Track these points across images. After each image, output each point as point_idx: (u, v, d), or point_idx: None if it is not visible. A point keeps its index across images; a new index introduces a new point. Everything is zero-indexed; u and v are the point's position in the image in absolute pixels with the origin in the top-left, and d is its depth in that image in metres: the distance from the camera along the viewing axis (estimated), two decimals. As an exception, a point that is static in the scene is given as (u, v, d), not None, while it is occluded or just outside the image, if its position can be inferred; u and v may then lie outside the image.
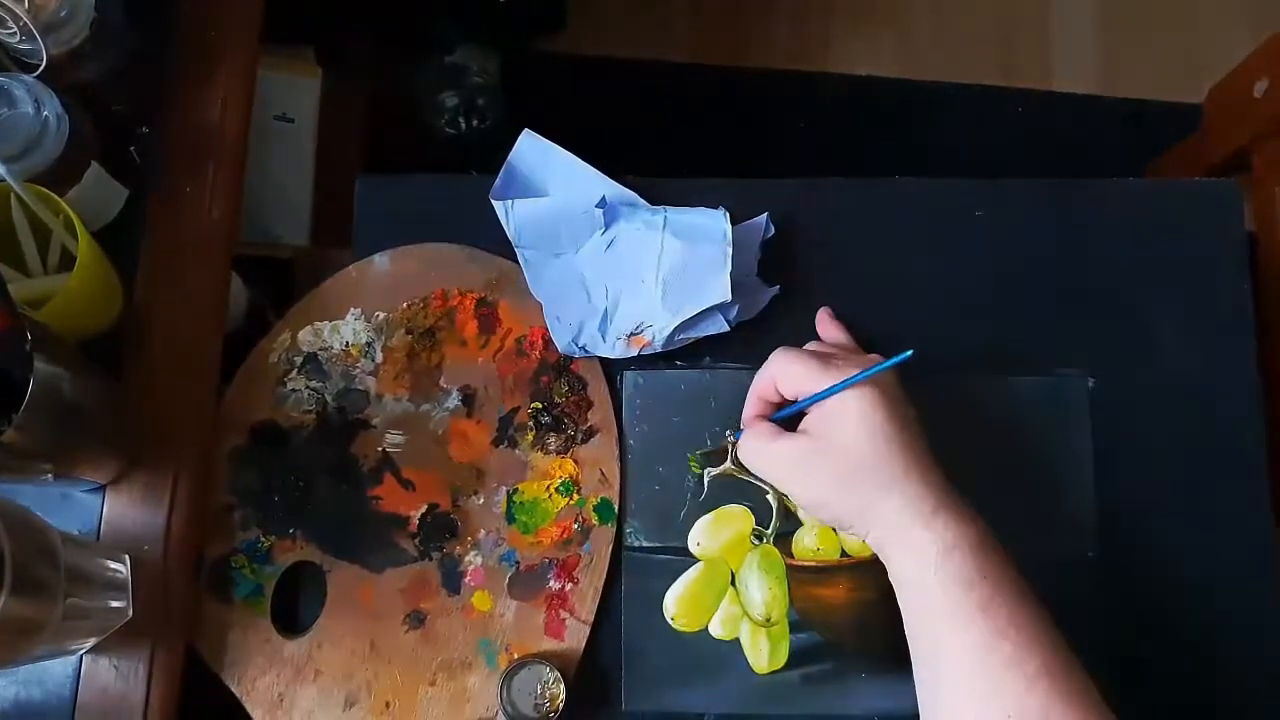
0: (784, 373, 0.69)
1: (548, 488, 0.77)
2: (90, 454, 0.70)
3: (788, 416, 0.70)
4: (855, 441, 0.64)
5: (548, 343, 0.78)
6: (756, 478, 0.74)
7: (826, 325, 0.78)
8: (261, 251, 1.15)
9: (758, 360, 0.77)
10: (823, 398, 0.66)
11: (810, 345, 0.74)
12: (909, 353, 0.64)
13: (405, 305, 0.79)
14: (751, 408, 0.72)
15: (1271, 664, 0.75)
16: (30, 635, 0.58)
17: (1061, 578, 0.75)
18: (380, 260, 0.80)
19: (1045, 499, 0.77)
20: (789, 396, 0.70)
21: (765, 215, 0.79)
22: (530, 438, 0.78)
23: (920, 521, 0.62)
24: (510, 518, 0.76)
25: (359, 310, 0.79)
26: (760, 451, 0.70)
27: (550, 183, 0.80)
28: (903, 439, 0.64)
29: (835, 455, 0.65)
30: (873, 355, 0.70)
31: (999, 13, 1.77)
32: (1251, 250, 0.82)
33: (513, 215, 0.77)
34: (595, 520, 0.76)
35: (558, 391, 0.78)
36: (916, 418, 0.67)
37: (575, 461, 0.77)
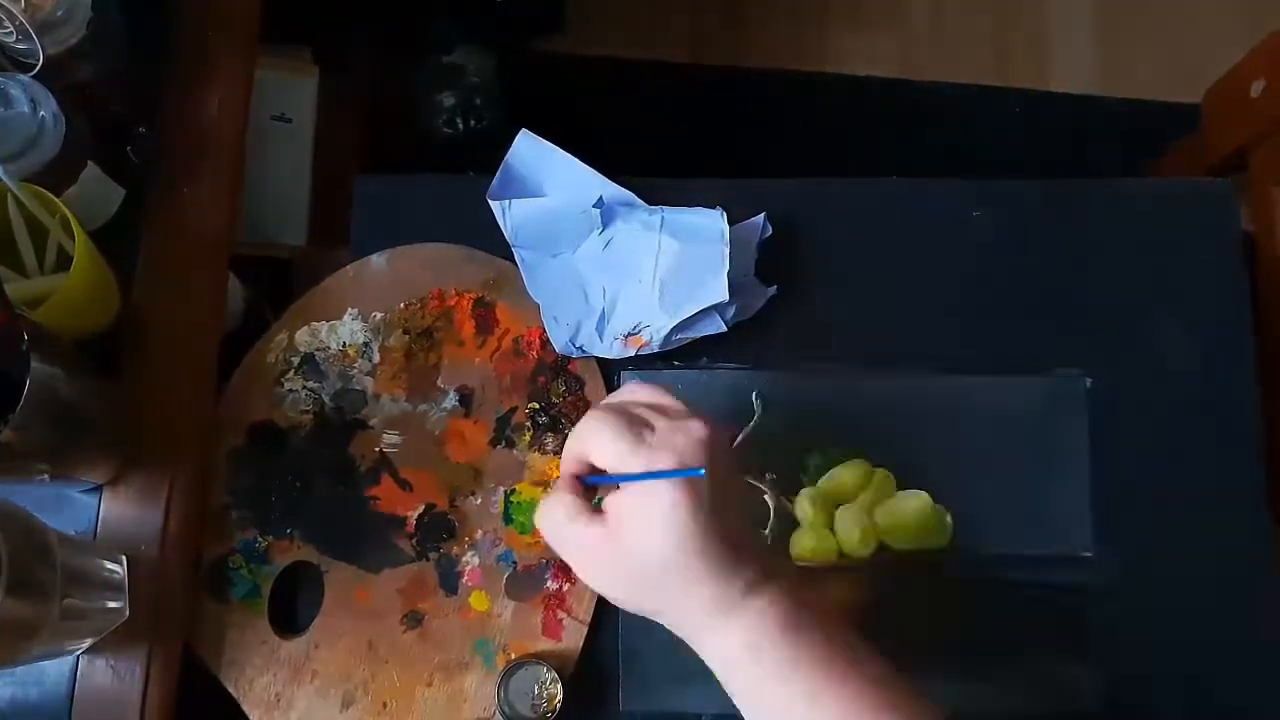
0: (593, 442, 0.61)
1: (545, 488, 0.76)
2: (87, 454, 0.70)
3: (601, 485, 0.63)
4: (651, 546, 0.58)
5: (545, 343, 0.78)
6: (755, 479, 0.74)
7: (637, 390, 0.66)
8: (259, 251, 1.14)
9: (755, 360, 0.77)
10: (630, 480, 0.59)
11: (629, 389, 0.66)
12: (701, 471, 0.57)
13: (403, 305, 0.79)
14: (567, 464, 0.64)
15: (1270, 663, 0.75)
16: (27, 636, 0.58)
17: (1058, 577, 0.75)
18: (377, 260, 0.80)
19: (1042, 498, 0.77)
20: (597, 464, 0.61)
21: (763, 215, 0.79)
22: (528, 438, 0.77)
23: (720, 620, 0.58)
24: (508, 518, 0.76)
25: (356, 310, 0.79)
26: (556, 530, 0.62)
27: (547, 183, 0.80)
28: (705, 540, 0.57)
29: (630, 555, 0.59)
30: (694, 424, 0.60)
31: (997, 13, 1.77)
32: (1249, 250, 0.82)
33: (510, 215, 0.77)
34: (593, 520, 0.76)
35: (555, 392, 0.78)
36: (733, 504, 0.60)
37: (573, 461, 0.77)
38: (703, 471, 0.58)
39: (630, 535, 0.59)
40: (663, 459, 0.58)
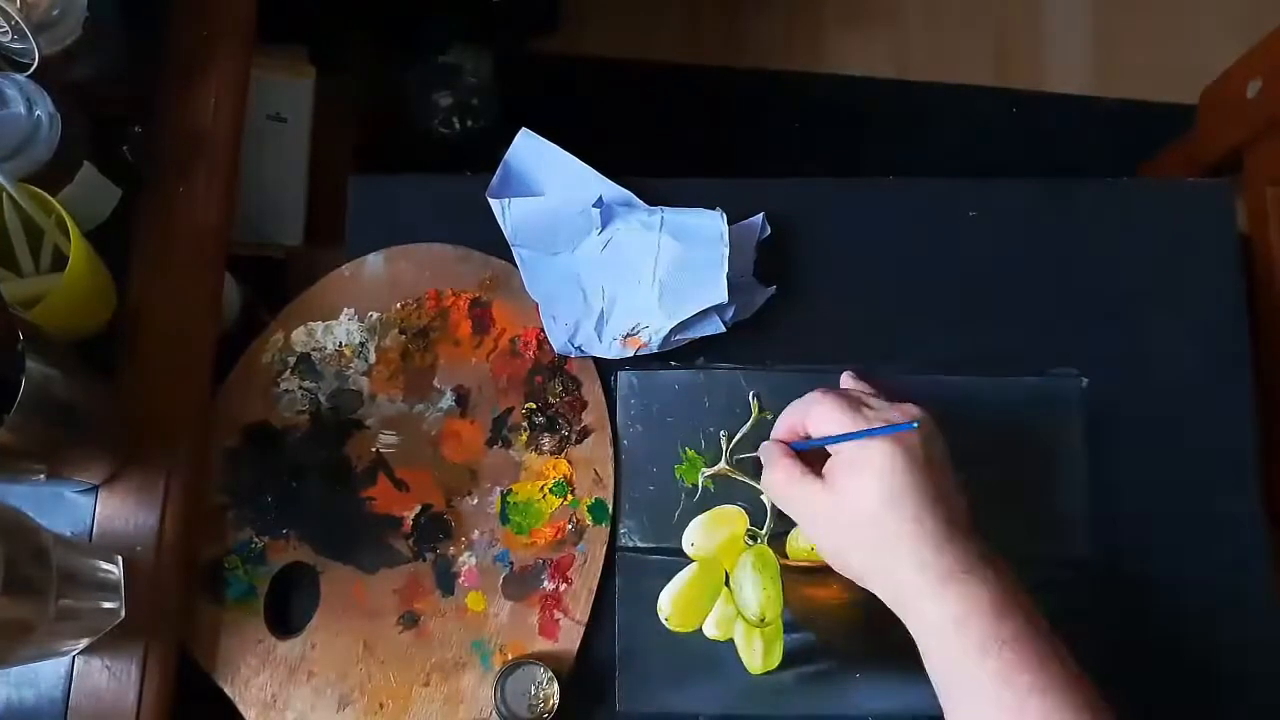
0: (816, 411, 0.67)
1: (541, 488, 0.77)
2: (83, 454, 0.70)
3: (810, 450, 0.68)
4: (867, 499, 0.62)
5: (542, 343, 0.78)
6: (752, 478, 0.74)
7: (848, 381, 0.75)
8: (255, 251, 1.14)
9: (753, 361, 0.77)
10: (844, 440, 0.65)
11: (848, 379, 0.74)
12: (914, 424, 0.63)
13: (399, 305, 0.79)
14: (778, 432, 0.71)
15: (1267, 663, 0.75)
16: (22, 636, 0.58)
17: (1055, 578, 0.75)
18: (374, 260, 0.80)
19: (1039, 499, 0.77)
20: (814, 435, 0.68)
21: (761, 215, 0.79)
22: (524, 438, 0.77)
23: (932, 590, 0.61)
24: (504, 518, 0.76)
25: (352, 310, 0.79)
26: (780, 487, 0.68)
27: (547, 182, 0.80)
28: (919, 502, 0.62)
29: (848, 509, 0.64)
30: (908, 406, 0.66)
31: (992, 13, 1.77)
32: (1244, 250, 0.82)
33: (509, 214, 0.77)
34: (589, 521, 0.76)
35: (552, 392, 0.78)
36: (948, 479, 0.65)
37: (569, 462, 0.77)
38: (916, 425, 0.63)
39: (845, 489, 0.64)
40: (880, 423, 0.64)
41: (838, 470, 0.65)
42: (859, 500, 0.63)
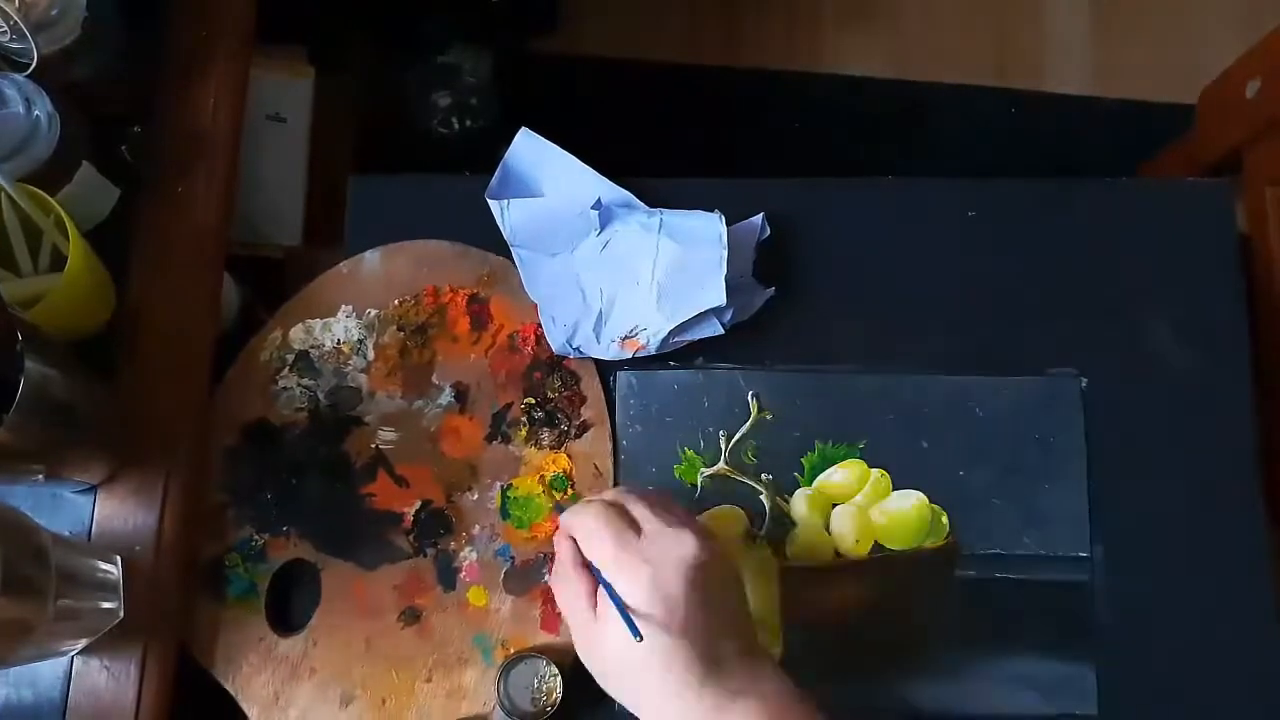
0: (583, 526, 0.63)
1: (541, 482, 0.76)
2: (81, 454, 0.70)
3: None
4: (625, 658, 0.60)
5: (540, 338, 0.78)
6: (751, 478, 0.74)
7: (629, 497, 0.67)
8: (254, 251, 1.14)
9: (752, 361, 0.77)
10: (602, 583, 0.61)
11: (615, 493, 0.66)
12: (636, 636, 0.58)
13: (397, 302, 0.79)
14: (560, 541, 0.66)
15: (1267, 662, 0.75)
16: (21, 636, 0.58)
17: (1054, 577, 0.75)
18: (371, 257, 0.80)
19: (1038, 499, 0.77)
20: (584, 551, 0.63)
21: (761, 216, 0.79)
22: (523, 433, 0.77)
23: None
24: (504, 513, 0.76)
25: (350, 307, 0.79)
26: (566, 606, 0.64)
27: (546, 182, 0.80)
28: (673, 652, 0.58)
29: (608, 650, 0.61)
30: (684, 535, 0.61)
31: (992, 14, 1.77)
32: (1244, 250, 0.82)
33: (508, 215, 0.77)
34: (589, 515, 0.76)
35: (550, 387, 0.78)
36: (719, 605, 0.61)
37: (569, 456, 0.77)
38: (639, 638, 0.58)
39: (606, 638, 0.61)
40: (637, 574, 0.60)
41: (600, 616, 0.61)
42: (615, 644, 0.60)
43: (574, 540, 0.64)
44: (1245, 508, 0.77)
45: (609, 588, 0.61)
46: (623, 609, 0.59)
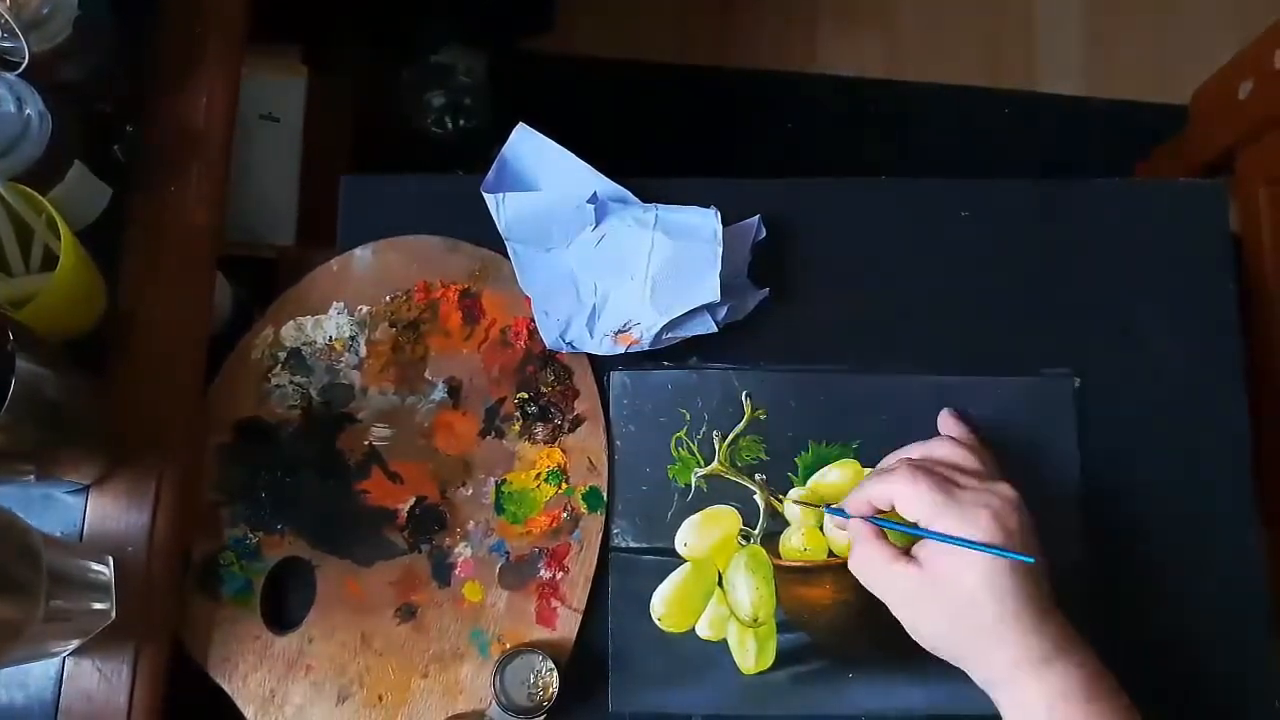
0: (902, 495, 0.66)
1: (536, 477, 0.76)
2: (73, 454, 0.69)
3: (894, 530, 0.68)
4: (974, 597, 0.63)
5: (532, 333, 0.78)
6: (744, 477, 0.74)
7: (948, 423, 0.75)
8: (247, 251, 1.14)
9: (746, 360, 0.77)
10: (943, 540, 0.64)
11: (937, 445, 0.71)
12: (1030, 559, 0.63)
13: (388, 298, 0.79)
14: (860, 505, 0.69)
15: (1258, 664, 0.75)
16: (11, 638, 0.58)
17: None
18: (362, 254, 0.80)
19: (1031, 499, 0.76)
20: (903, 515, 0.67)
21: (758, 217, 0.79)
22: (517, 428, 0.77)
23: (1031, 673, 0.62)
24: (499, 508, 0.76)
25: (342, 304, 0.79)
26: (875, 571, 0.68)
27: (542, 177, 0.80)
28: (1019, 588, 0.63)
29: (951, 601, 0.64)
30: (1001, 487, 0.66)
31: (985, 14, 1.77)
32: (1236, 251, 0.82)
33: (504, 209, 0.77)
34: (584, 509, 0.76)
35: (544, 381, 0.78)
36: (1043, 560, 0.65)
37: (563, 450, 0.77)
38: (1033, 560, 0.63)
39: (951, 582, 0.64)
40: (976, 517, 0.63)
41: (939, 560, 0.65)
42: (958, 589, 0.63)
43: (869, 522, 0.68)
44: (1239, 507, 0.77)
45: (953, 539, 0.63)
46: (989, 548, 0.62)
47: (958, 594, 0.63)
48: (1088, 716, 0.61)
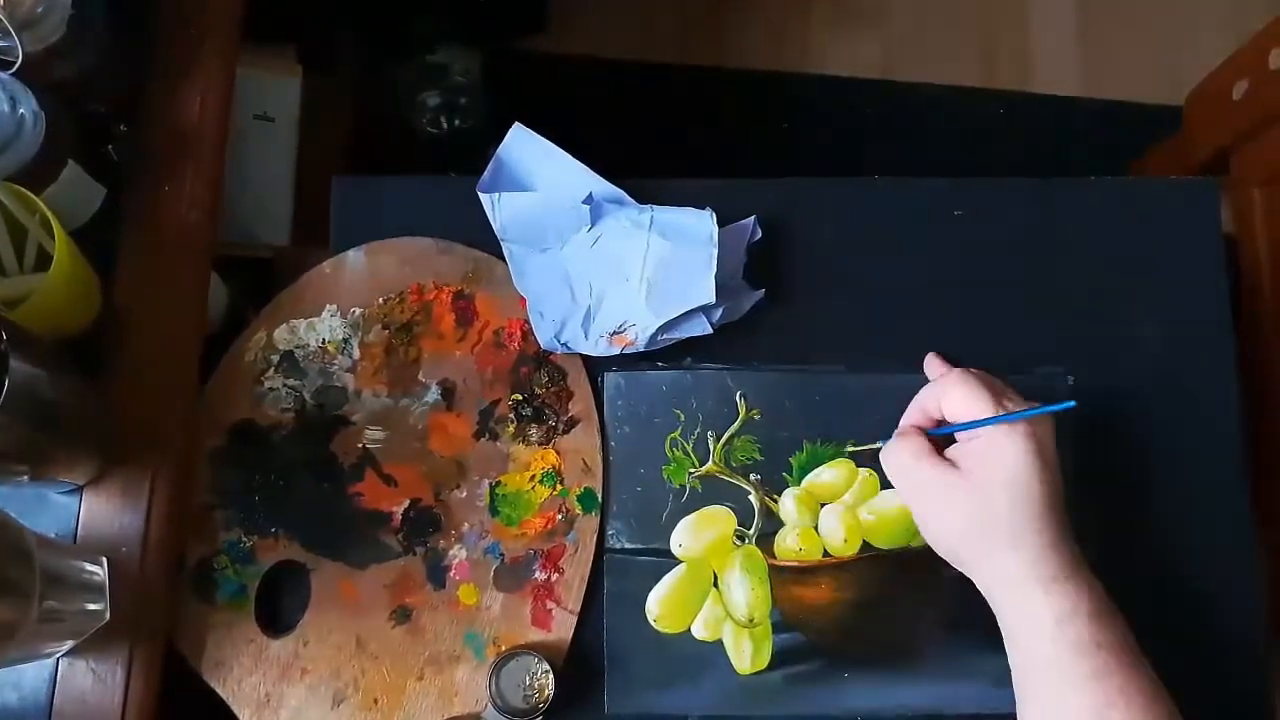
0: (952, 392, 0.67)
1: (530, 479, 0.76)
2: (67, 455, 0.69)
3: (939, 437, 0.70)
4: (1001, 488, 0.64)
5: (526, 334, 0.78)
6: (739, 478, 0.74)
7: (935, 365, 0.76)
8: (241, 251, 1.14)
9: (740, 361, 0.77)
10: (983, 425, 0.65)
11: (936, 366, 0.75)
12: (1072, 403, 0.65)
13: (381, 300, 0.79)
14: (910, 416, 0.72)
15: (1254, 663, 0.75)
16: (5, 639, 0.58)
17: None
18: (355, 256, 0.80)
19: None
20: (949, 418, 0.69)
21: (753, 218, 0.79)
22: (511, 430, 0.77)
23: (1040, 586, 0.62)
24: (494, 510, 0.76)
25: (335, 307, 0.79)
26: (906, 465, 0.69)
27: (538, 177, 0.80)
28: (1045, 496, 0.64)
29: (978, 493, 0.65)
30: (1032, 402, 0.67)
31: (980, 14, 1.77)
32: (1230, 251, 0.83)
33: (499, 209, 0.77)
34: (579, 510, 0.76)
35: (538, 383, 0.78)
36: (1062, 482, 0.66)
37: (557, 452, 0.77)
38: (1074, 404, 0.64)
39: (981, 472, 0.65)
40: (1019, 427, 0.64)
41: (972, 456, 0.66)
42: (991, 489, 0.64)
43: (913, 420, 0.71)
44: (1231, 506, 0.77)
45: (996, 419, 0.65)
46: (1025, 413, 0.64)
47: (985, 493, 0.64)
48: (1095, 635, 0.61)
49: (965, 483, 0.65)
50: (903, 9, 1.78)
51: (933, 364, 0.76)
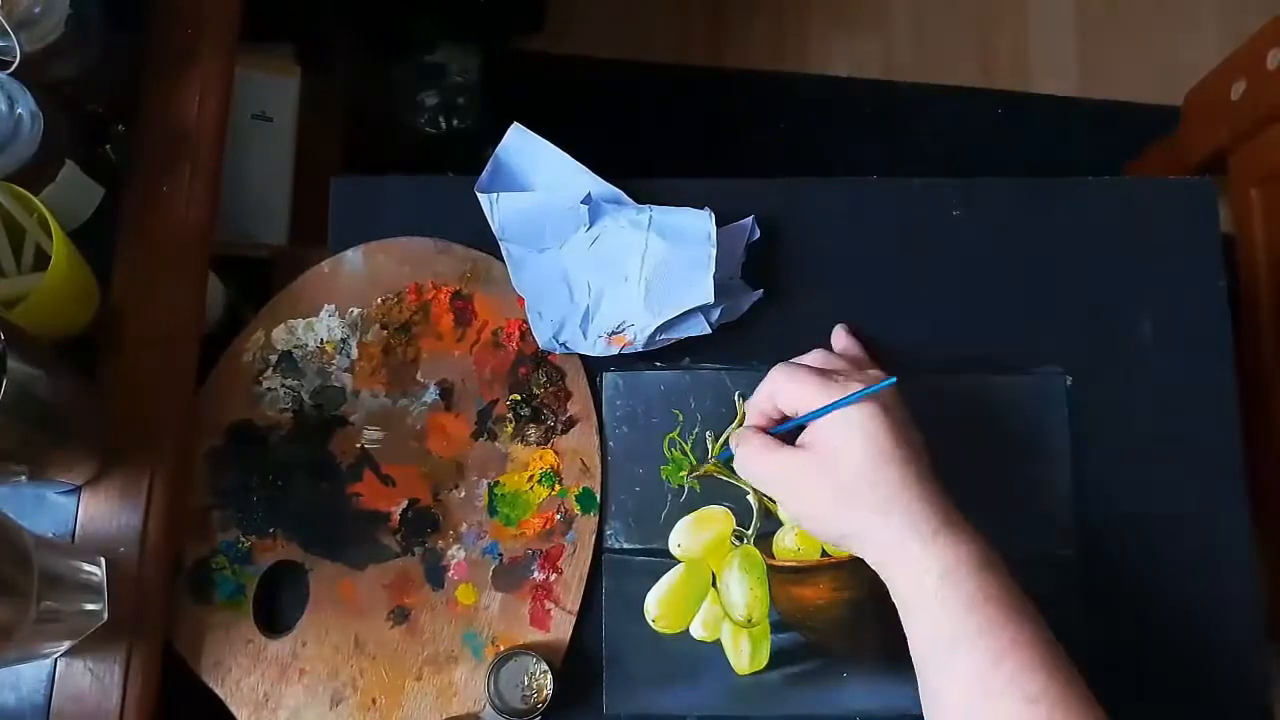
0: (782, 389, 0.68)
1: (529, 479, 0.76)
2: (65, 455, 0.69)
3: (786, 432, 0.69)
4: (854, 457, 0.63)
5: (524, 334, 0.78)
6: (737, 478, 0.74)
7: (840, 338, 0.77)
8: (239, 251, 1.14)
9: (738, 361, 0.77)
10: (823, 414, 0.65)
11: (812, 355, 0.73)
12: (894, 379, 0.65)
13: (380, 300, 0.79)
14: (751, 420, 0.71)
15: (1247, 661, 0.75)
16: (2, 639, 0.58)
17: (1037, 577, 0.75)
18: (353, 256, 0.80)
19: (1022, 497, 0.77)
20: (787, 413, 0.69)
21: (751, 218, 0.79)
22: (510, 430, 0.77)
23: (919, 542, 0.61)
24: (492, 510, 0.76)
25: (333, 307, 0.79)
26: (756, 463, 0.69)
27: (536, 177, 0.80)
28: (903, 456, 0.63)
29: (834, 471, 0.64)
30: (874, 372, 0.68)
31: (978, 14, 1.78)
32: (1228, 251, 0.83)
33: (498, 209, 0.77)
34: (577, 510, 0.76)
35: (536, 383, 0.78)
36: (921, 440, 0.66)
37: (556, 452, 0.77)
38: (895, 380, 0.64)
39: (830, 451, 0.64)
40: (854, 388, 0.64)
41: (820, 436, 0.65)
42: (847, 461, 0.63)
43: (755, 421, 0.71)
44: (1229, 506, 0.77)
45: (828, 407, 0.64)
46: (851, 397, 0.64)
47: (843, 467, 0.64)
48: (980, 586, 0.60)
49: (818, 460, 0.65)
50: (902, 9, 1.78)
51: (839, 335, 0.77)
